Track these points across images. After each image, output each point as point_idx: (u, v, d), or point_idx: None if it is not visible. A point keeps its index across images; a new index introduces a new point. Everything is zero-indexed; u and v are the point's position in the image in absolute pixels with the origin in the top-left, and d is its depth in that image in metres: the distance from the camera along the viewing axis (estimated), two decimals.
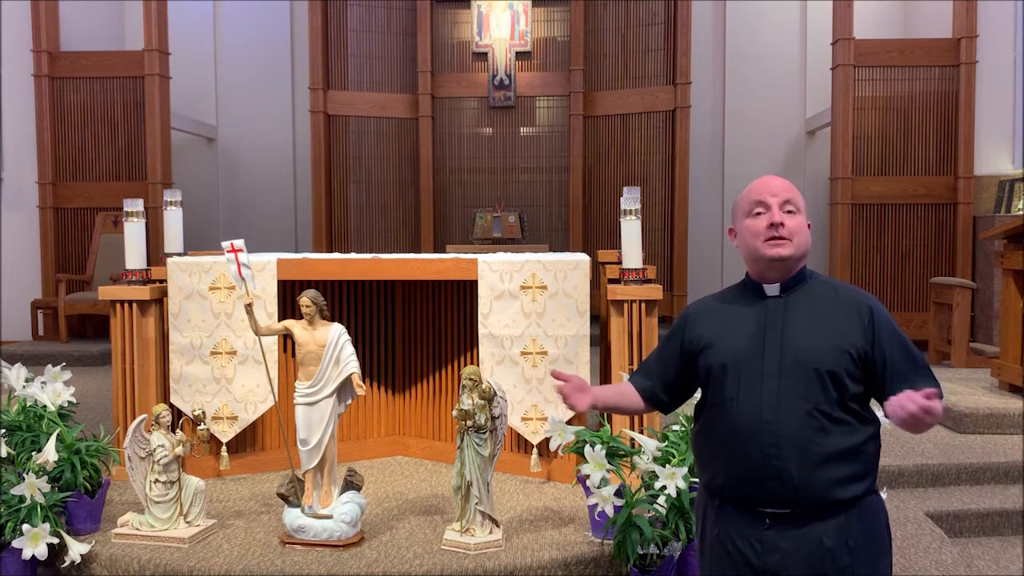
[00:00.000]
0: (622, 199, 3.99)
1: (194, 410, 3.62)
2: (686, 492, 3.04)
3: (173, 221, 4.51)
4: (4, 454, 3.32)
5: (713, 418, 1.97)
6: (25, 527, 3.09)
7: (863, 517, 1.89)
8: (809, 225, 1.99)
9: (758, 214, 1.96)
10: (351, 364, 3.30)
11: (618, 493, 3.07)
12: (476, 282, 4.08)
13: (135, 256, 4.10)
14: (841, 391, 1.86)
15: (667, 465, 3.09)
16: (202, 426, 3.45)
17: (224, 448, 4.10)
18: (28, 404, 3.58)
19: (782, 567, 1.88)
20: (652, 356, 2.20)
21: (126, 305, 4.04)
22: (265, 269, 4.08)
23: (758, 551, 1.90)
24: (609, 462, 3.13)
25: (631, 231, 3.96)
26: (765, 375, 1.89)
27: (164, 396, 4.11)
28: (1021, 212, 6.54)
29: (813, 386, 1.86)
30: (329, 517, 3.24)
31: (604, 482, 3.07)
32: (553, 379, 2.17)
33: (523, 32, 9.19)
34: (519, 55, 9.23)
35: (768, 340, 1.92)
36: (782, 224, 1.92)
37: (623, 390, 2.22)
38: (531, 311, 4.01)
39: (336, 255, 4.57)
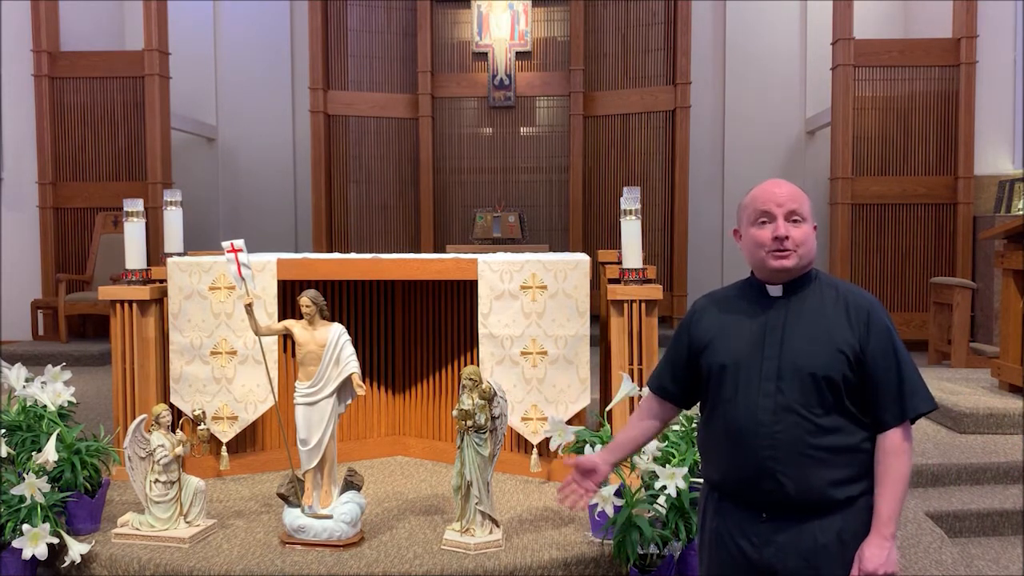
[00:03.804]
0: (622, 199, 4.00)
1: (194, 410, 3.62)
2: (686, 492, 3.04)
3: (173, 221, 4.51)
4: (4, 454, 3.32)
5: (714, 417, 1.99)
6: (25, 527, 3.09)
7: (860, 516, 1.90)
8: (815, 227, 1.98)
9: (763, 223, 1.95)
10: (351, 364, 3.30)
11: (618, 493, 3.07)
12: (476, 282, 4.08)
13: (135, 256, 4.10)
14: (837, 395, 1.87)
15: (667, 465, 3.09)
16: (202, 426, 3.45)
17: (224, 448, 4.10)
18: (28, 404, 3.58)
19: (778, 560, 1.90)
20: (664, 357, 2.18)
21: (126, 305, 4.04)
22: (265, 269, 4.08)
23: (755, 544, 1.92)
24: None
25: (631, 231, 3.96)
26: (763, 377, 1.90)
27: (164, 396, 4.10)
28: (1021, 212, 6.54)
29: (809, 390, 1.87)
30: (329, 517, 3.24)
31: (604, 482, 3.07)
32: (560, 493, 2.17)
33: (523, 32, 9.18)
34: (519, 55, 9.23)
35: (768, 342, 1.93)
36: (787, 237, 1.92)
37: (635, 425, 2.19)
38: (531, 311, 4.00)
39: (336, 255, 4.57)
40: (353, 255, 4.50)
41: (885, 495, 1.87)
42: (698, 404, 2.13)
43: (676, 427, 3.34)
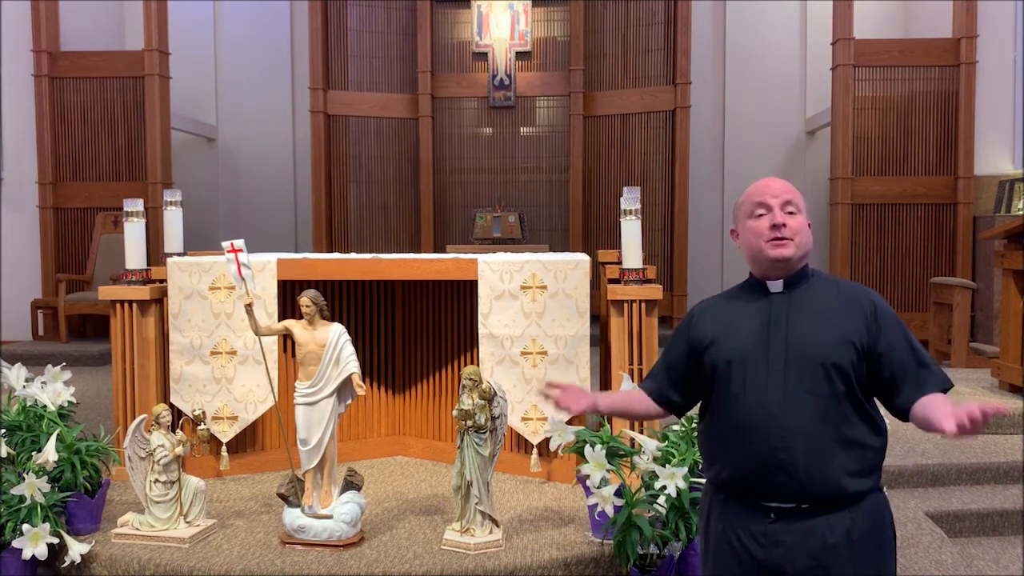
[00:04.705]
0: (622, 199, 4.00)
1: (194, 410, 3.62)
2: (686, 492, 3.04)
3: (173, 221, 4.51)
4: (4, 454, 3.32)
5: (720, 413, 1.99)
6: (25, 527, 3.09)
7: (867, 514, 1.91)
8: (809, 224, 2.01)
9: (760, 215, 1.98)
10: (351, 364, 3.30)
11: (618, 493, 3.07)
12: (476, 282, 4.08)
13: (135, 256, 4.10)
14: (847, 384, 1.88)
15: (667, 465, 3.09)
16: (202, 426, 3.45)
17: (224, 448, 4.09)
18: (28, 404, 3.58)
19: (786, 561, 1.90)
20: (659, 360, 2.20)
21: (126, 305, 4.04)
22: (265, 269, 4.08)
23: (763, 545, 1.92)
24: (609, 462, 3.13)
25: (631, 231, 3.96)
26: (771, 370, 1.91)
27: (164, 396, 4.11)
28: (1021, 212, 6.54)
29: (819, 380, 1.88)
30: (329, 517, 3.24)
31: (604, 482, 3.07)
32: (547, 388, 2.17)
33: (523, 32, 9.18)
34: (519, 55, 9.22)
35: (773, 335, 1.94)
36: (784, 225, 1.95)
37: (630, 395, 2.24)
38: (531, 311, 4.01)
39: (336, 255, 4.57)
40: (353, 255, 4.50)
41: (947, 407, 1.80)
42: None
43: (676, 427, 3.34)
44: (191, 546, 3.24)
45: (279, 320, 3.91)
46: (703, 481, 2.13)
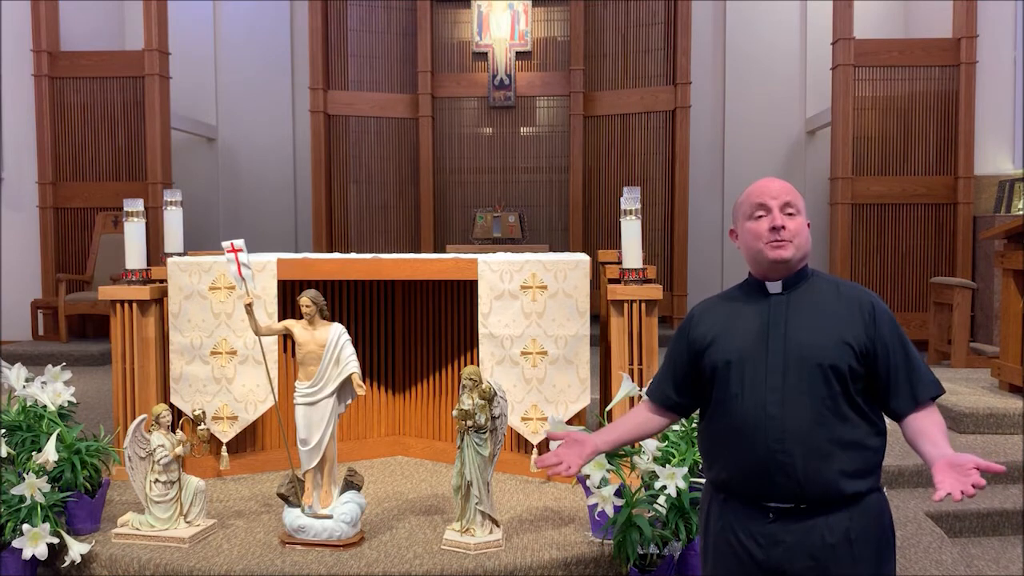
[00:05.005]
0: (622, 199, 4.00)
1: (194, 410, 3.62)
2: (686, 492, 3.04)
3: (173, 221, 4.51)
4: (4, 454, 3.32)
5: (719, 414, 1.99)
6: (25, 527, 3.10)
7: (867, 514, 1.91)
8: (808, 224, 2.02)
9: (759, 217, 1.99)
10: (351, 364, 3.30)
11: (618, 493, 3.07)
12: (476, 282, 4.08)
13: (135, 256, 4.10)
14: (844, 386, 1.89)
15: (667, 465, 3.09)
16: (202, 426, 3.45)
17: (224, 448, 4.10)
18: (28, 404, 3.57)
19: (785, 561, 1.90)
20: (663, 362, 2.20)
21: (126, 305, 4.04)
22: (265, 269, 4.08)
23: (762, 545, 1.92)
24: (609, 462, 3.13)
25: (631, 231, 3.96)
26: (769, 371, 1.92)
27: (164, 396, 4.11)
28: (1021, 212, 6.54)
29: (817, 381, 1.88)
30: (329, 517, 3.24)
31: (604, 482, 3.07)
32: (542, 459, 2.09)
33: (523, 32, 9.18)
34: (519, 55, 9.23)
35: (771, 336, 1.94)
36: (783, 227, 1.95)
37: (631, 420, 2.19)
38: (531, 311, 4.01)
39: (336, 255, 4.57)
40: (353, 255, 4.50)
41: (940, 442, 1.85)
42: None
43: (676, 427, 3.34)
44: (191, 546, 3.24)
45: (279, 320, 3.91)
46: (703, 481, 2.13)
